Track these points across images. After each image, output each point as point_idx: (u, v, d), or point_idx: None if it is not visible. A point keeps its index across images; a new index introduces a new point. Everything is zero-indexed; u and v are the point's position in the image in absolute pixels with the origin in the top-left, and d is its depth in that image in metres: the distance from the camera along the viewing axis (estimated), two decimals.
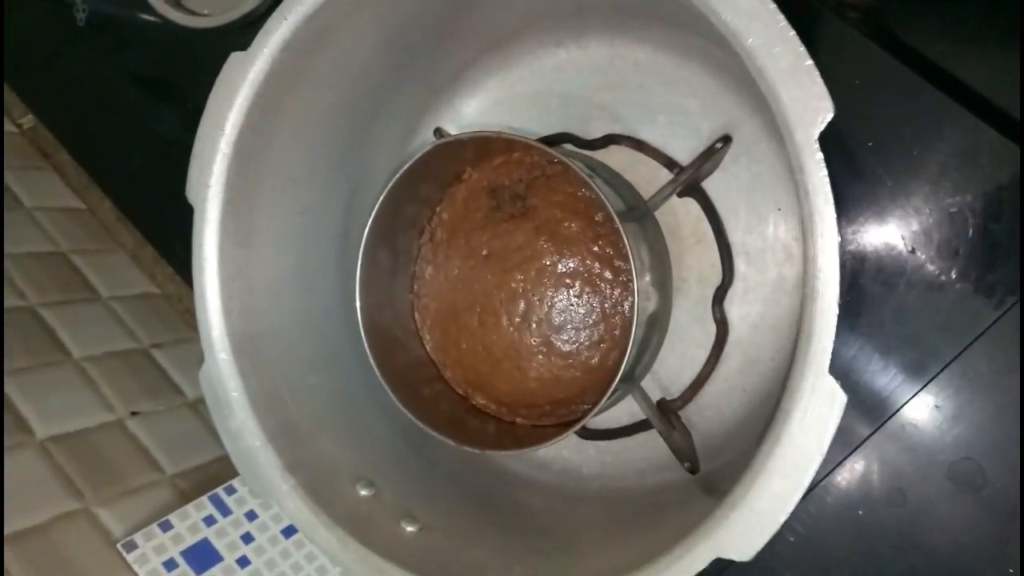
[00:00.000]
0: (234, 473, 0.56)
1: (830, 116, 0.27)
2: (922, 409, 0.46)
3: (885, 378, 0.46)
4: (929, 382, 0.46)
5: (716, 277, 0.45)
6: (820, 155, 0.27)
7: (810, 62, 0.27)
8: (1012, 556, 0.47)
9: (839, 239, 0.27)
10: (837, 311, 0.28)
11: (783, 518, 0.29)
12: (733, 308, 0.45)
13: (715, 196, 0.45)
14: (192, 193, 0.40)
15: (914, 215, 0.45)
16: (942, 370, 0.46)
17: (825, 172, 0.27)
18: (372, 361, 0.42)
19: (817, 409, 0.28)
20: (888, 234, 0.45)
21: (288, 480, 0.39)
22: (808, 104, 0.27)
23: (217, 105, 0.39)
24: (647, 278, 0.39)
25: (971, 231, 0.45)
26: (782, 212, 0.43)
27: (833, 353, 0.33)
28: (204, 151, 0.39)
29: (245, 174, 0.40)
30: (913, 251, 0.45)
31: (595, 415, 0.38)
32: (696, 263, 0.46)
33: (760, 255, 0.44)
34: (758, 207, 0.44)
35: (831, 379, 0.28)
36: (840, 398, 0.28)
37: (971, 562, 0.47)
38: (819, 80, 0.27)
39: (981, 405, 0.46)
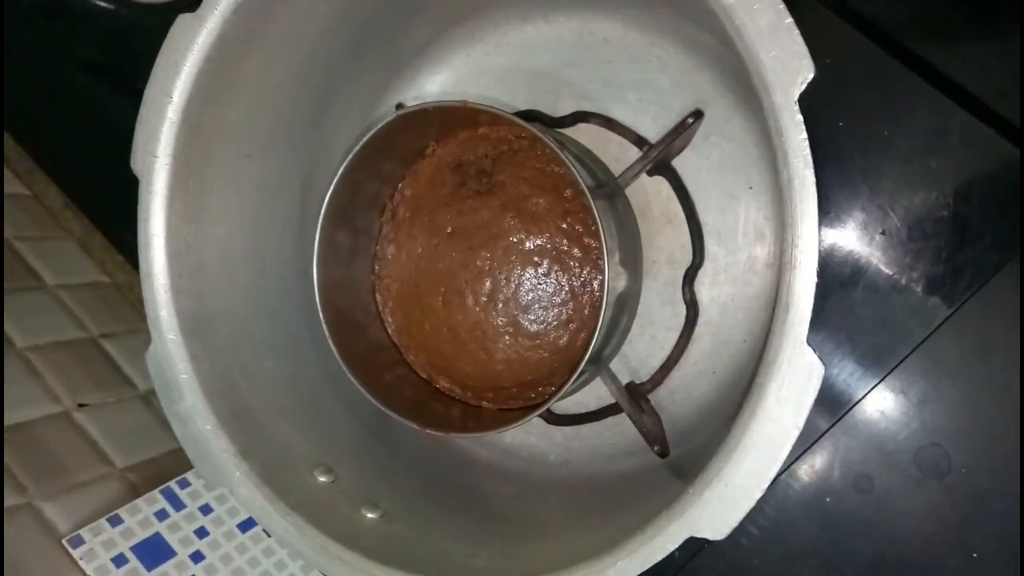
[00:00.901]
0: (188, 466, 0.54)
1: (811, 76, 0.26)
2: (889, 395, 0.46)
3: (852, 363, 0.46)
4: (896, 366, 0.46)
5: (686, 258, 0.44)
6: (800, 117, 0.26)
7: (790, 20, 0.26)
8: (976, 541, 0.47)
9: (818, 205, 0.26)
10: (816, 279, 0.27)
11: (759, 494, 0.28)
12: (703, 289, 0.44)
13: (686, 175, 0.44)
14: (137, 163, 0.38)
15: (884, 196, 0.45)
16: (910, 353, 0.46)
17: (805, 135, 0.26)
18: (331, 345, 0.40)
19: (794, 381, 0.27)
20: (857, 215, 0.45)
21: (241, 466, 0.37)
22: (788, 64, 0.26)
23: (164, 69, 0.36)
24: (617, 257, 0.38)
25: (941, 212, 0.44)
26: (754, 191, 0.43)
27: None
28: (150, 118, 0.37)
29: (195, 145, 0.38)
30: (883, 232, 0.45)
31: (563, 397, 0.36)
32: (666, 244, 0.45)
33: (731, 235, 0.43)
34: (729, 186, 0.43)
35: (809, 349, 0.27)
36: (818, 369, 0.27)
37: (937, 548, 0.47)
38: (799, 39, 0.26)
39: (947, 390, 0.46)
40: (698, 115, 0.41)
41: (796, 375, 0.27)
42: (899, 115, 0.44)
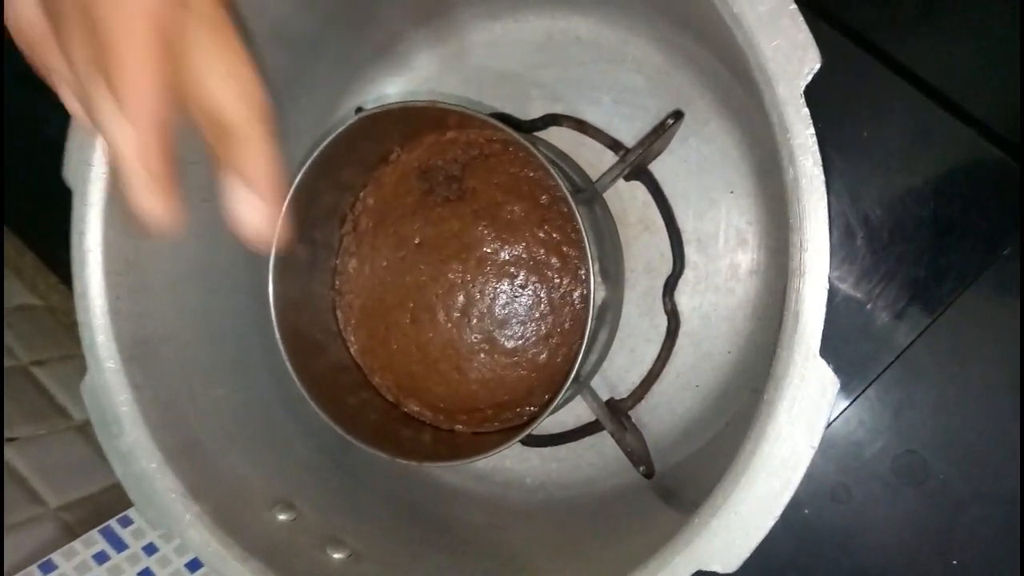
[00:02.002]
0: (130, 502, 0.51)
1: (817, 67, 0.24)
2: (864, 403, 0.45)
3: (833, 371, 0.44)
4: (881, 374, 0.45)
5: (665, 267, 0.42)
6: (806, 110, 0.24)
7: (794, 6, 0.24)
8: (956, 548, 0.47)
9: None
10: (828, 285, 0.25)
11: (772, 521, 0.26)
12: (683, 299, 0.42)
13: (663, 180, 0.42)
14: (71, 173, 0.34)
15: (864, 199, 0.44)
16: (894, 361, 0.45)
17: (812, 130, 0.24)
18: (289, 367, 0.37)
19: (807, 397, 0.25)
20: (837, 218, 0.43)
21: (192, 507, 0.33)
22: (792, 54, 0.24)
23: None
24: (598, 265, 0.36)
25: (922, 214, 0.43)
26: (735, 195, 0.41)
27: None
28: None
29: None
30: (865, 236, 0.44)
31: (546, 418, 0.34)
32: (644, 252, 0.43)
33: (712, 241, 0.41)
34: (709, 191, 0.41)
35: (822, 362, 0.25)
36: (832, 383, 0.25)
37: (916, 556, 0.47)
38: (804, 27, 0.24)
39: (922, 397, 0.46)
40: (678, 116, 0.39)
41: (809, 391, 0.25)
42: (878, 116, 0.43)
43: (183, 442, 0.35)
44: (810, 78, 0.24)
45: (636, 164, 0.40)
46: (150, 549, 0.47)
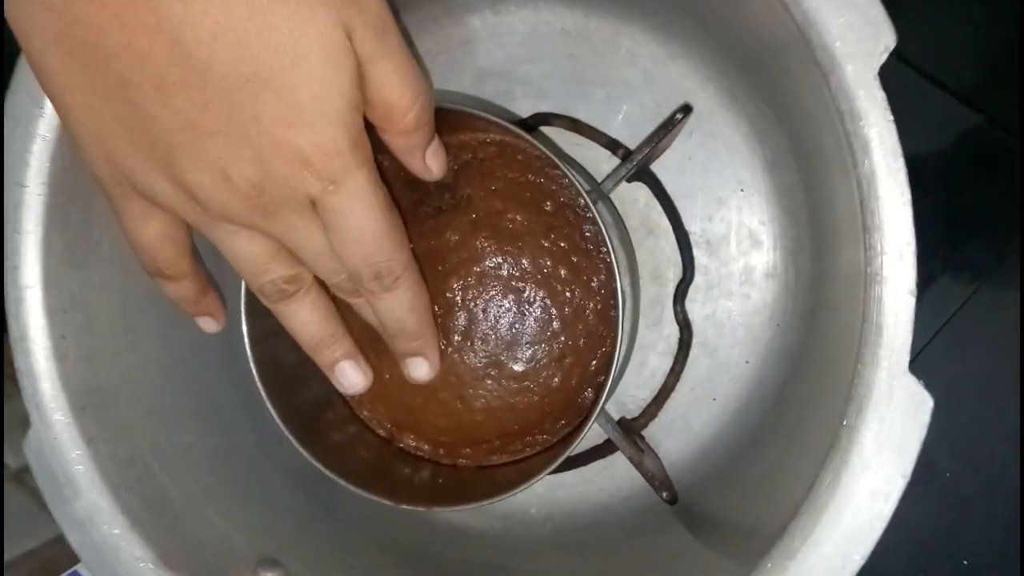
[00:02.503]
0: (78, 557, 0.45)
1: (892, 45, 0.21)
2: None
3: None
4: None
5: (672, 273, 0.39)
6: (882, 94, 0.21)
7: None
8: (966, 547, 0.46)
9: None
10: (916, 291, 0.22)
11: (860, 561, 0.23)
12: (695, 307, 0.39)
13: (666, 179, 0.39)
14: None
15: None
16: (914, 359, 0.43)
17: (891, 117, 0.21)
18: (268, 404, 0.32)
19: (897, 419, 0.22)
20: None
21: None
22: (863, 31, 0.21)
23: (28, 72, 0.28)
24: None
25: (934, 208, 0.42)
26: (745, 193, 0.38)
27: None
28: (15, 138, 0.28)
29: (76, 167, 0.29)
30: None
31: (572, 450, 0.30)
32: (648, 258, 0.40)
33: (723, 244, 0.39)
34: (717, 189, 0.38)
35: (912, 378, 0.22)
36: (926, 402, 0.22)
37: (927, 557, 0.46)
38: (876, 1, 0.21)
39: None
40: (687, 110, 0.36)
41: (898, 412, 0.22)
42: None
43: (150, 501, 0.30)
44: (884, 58, 0.22)
45: (640, 164, 0.37)
46: None
